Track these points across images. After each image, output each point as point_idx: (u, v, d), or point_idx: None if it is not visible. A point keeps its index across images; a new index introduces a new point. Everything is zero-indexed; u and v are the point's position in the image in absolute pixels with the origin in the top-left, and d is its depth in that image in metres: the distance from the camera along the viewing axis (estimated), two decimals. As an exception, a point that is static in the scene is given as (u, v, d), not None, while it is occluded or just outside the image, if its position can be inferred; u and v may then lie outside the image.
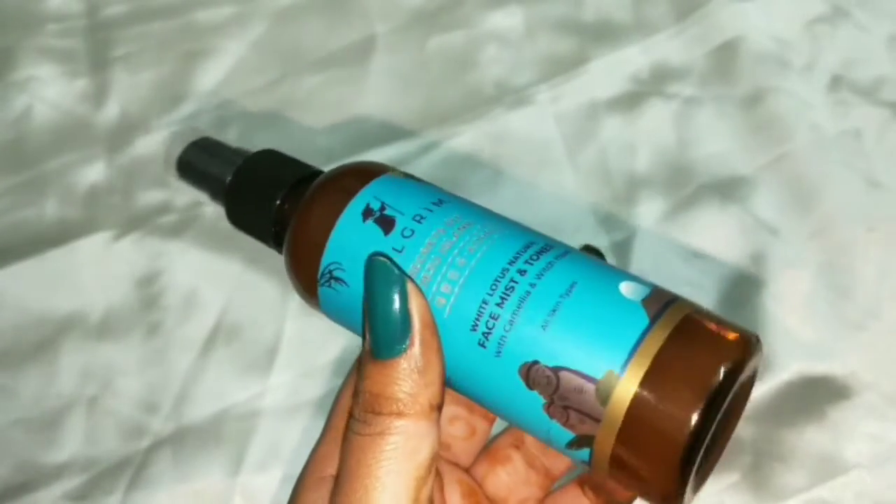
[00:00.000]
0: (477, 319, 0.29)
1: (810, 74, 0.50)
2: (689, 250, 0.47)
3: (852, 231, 0.47)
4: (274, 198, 0.34)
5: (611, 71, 0.51)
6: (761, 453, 0.43)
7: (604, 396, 0.27)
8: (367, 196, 0.31)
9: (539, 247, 0.30)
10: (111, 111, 0.51)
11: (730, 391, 0.27)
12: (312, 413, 0.45)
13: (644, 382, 0.27)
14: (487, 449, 0.37)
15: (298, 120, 0.50)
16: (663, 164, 0.49)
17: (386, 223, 0.30)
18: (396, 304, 0.28)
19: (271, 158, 0.37)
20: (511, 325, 0.28)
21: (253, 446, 0.44)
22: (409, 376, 0.28)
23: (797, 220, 0.47)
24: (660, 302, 0.28)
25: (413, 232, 0.30)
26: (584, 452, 0.28)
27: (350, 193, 0.31)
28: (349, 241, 0.31)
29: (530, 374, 0.28)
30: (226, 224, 0.49)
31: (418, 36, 0.52)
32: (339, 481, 0.28)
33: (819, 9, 0.51)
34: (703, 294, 0.46)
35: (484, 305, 0.29)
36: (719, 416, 0.27)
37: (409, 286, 0.28)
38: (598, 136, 0.49)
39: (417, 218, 0.30)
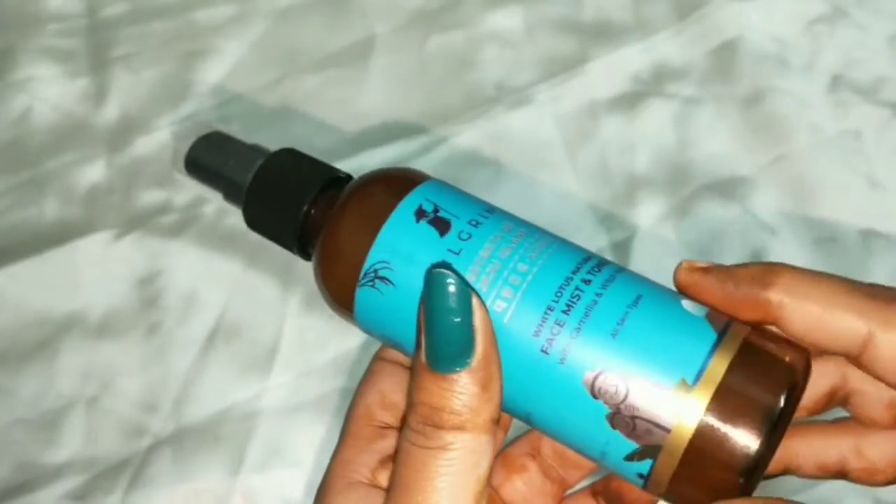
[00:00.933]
0: (540, 326, 0.28)
1: (810, 74, 0.50)
2: (689, 250, 0.47)
3: (852, 231, 0.47)
4: (302, 203, 0.33)
5: (611, 71, 0.51)
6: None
7: (676, 406, 0.27)
8: (418, 198, 0.30)
9: (598, 260, 0.30)
10: (111, 111, 0.51)
11: (792, 407, 0.27)
12: (312, 413, 0.45)
13: (715, 397, 0.27)
14: (502, 456, 0.37)
15: (298, 120, 0.50)
16: (663, 164, 0.49)
17: (441, 225, 0.30)
18: (460, 318, 0.28)
19: (294, 159, 0.35)
20: (578, 332, 0.28)
21: (253, 446, 0.44)
22: (470, 391, 0.27)
23: (797, 220, 0.47)
24: (721, 319, 0.29)
25: (470, 236, 0.29)
26: (645, 465, 0.28)
27: (397, 196, 0.30)
28: (401, 240, 0.30)
29: (596, 382, 0.28)
30: (226, 224, 0.49)
31: (418, 36, 0.52)
32: (394, 492, 0.28)
33: (819, 9, 0.51)
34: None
35: (549, 312, 0.28)
36: (779, 431, 0.27)
37: (475, 299, 0.28)
38: (598, 136, 0.49)
39: (473, 223, 0.30)
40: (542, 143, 0.49)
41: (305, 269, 0.48)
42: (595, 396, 0.28)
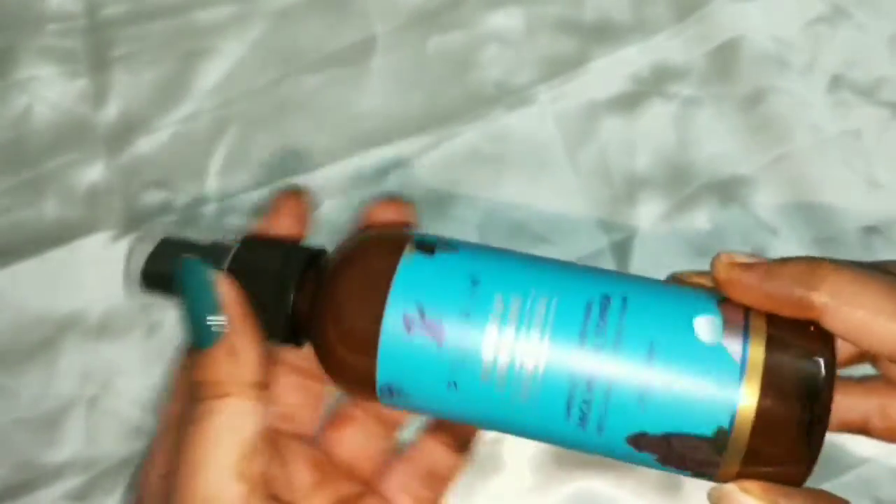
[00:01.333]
0: (569, 407, 0.28)
1: (810, 74, 0.50)
2: (689, 250, 0.47)
3: (852, 231, 0.47)
4: (286, 303, 0.31)
5: (611, 71, 0.51)
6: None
7: (719, 447, 0.27)
8: (397, 302, 0.28)
9: (599, 306, 0.29)
10: (111, 111, 0.51)
11: (831, 378, 0.27)
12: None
13: (756, 423, 0.27)
14: (330, 414, 0.38)
15: (298, 120, 0.50)
16: (663, 164, 0.49)
17: (434, 331, 0.28)
18: (208, 298, 0.30)
19: (256, 250, 0.32)
20: (606, 406, 0.28)
21: (253, 446, 0.44)
22: (225, 361, 0.30)
23: (797, 220, 0.47)
24: (737, 330, 0.28)
25: (467, 331, 0.28)
26: (707, 477, 0.29)
27: (378, 288, 0.29)
28: (401, 359, 0.29)
29: (639, 442, 0.28)
30: (226, 224, 0.49)
31: (418, 36, 0.52)
32: (175, 472, 0.30)
33: (819, 9, 0.51)
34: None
35: (573, 392, 0.28)
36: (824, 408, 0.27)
37: (218, 279, 0.31)
38: (598, 136, 0.49)
39: (464, 315, 0.28)
40: (542, 143, 0.49)
41: (305, 269, 0.48)
42: (640, 450, 0.28)
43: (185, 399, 0.31)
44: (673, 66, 0.51)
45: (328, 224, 0.48)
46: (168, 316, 0.47)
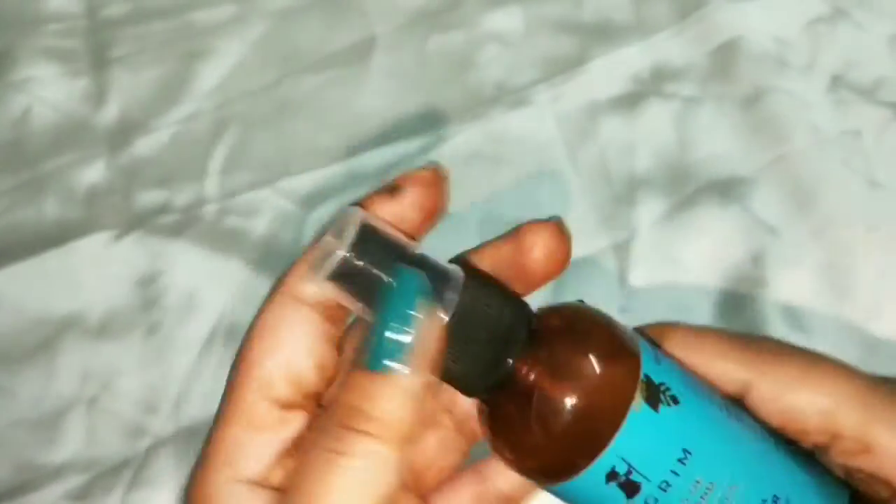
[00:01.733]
0: None
1: (810, 74, 0.50)
2: (689, 250, 0.47)
3: (852, 231, 0.47)
4: (502, 362, 0.28)
5: (611, 71, 0.51)
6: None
7: None
8: (613, 455, 0.27)
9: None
10: (111, 111, 0.51)
11: None
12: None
13: None
14: None
15: (298, 120, 0.50)
16: (663, 164, 0.49)
17: (630, 488, 0.27)
18: (412, 321, 0.25)
19: (479, 290, 0.28)
20: None
21: (253, 446, 0.44)
22: (397, 396, 0.25)
23: (797, 220, 0.47)
24: None
25: (657, 500, 0.28)
26: None
27: (601, 435, 0.27)
28: (586, 495, 0.28)
29: None
30: (226, 224, 0.49)
31: (418, 36, 0.52)
32: (293, 492, 0.25)
33: (819, 9, 0.51)
34: (703, 295, 0.46)
35: None
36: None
37: (432, 309, 0.26)
38: (598, 136, 0.49)
39: (663, 485, 0.28)
40: (542, 143, 0.49)
41: (305, 269, 0.48)
42: None
43: (331, 418, 0.25)
44: (673, 66, 0.51)
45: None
46: (168, 316, 0.47)
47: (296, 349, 0.27)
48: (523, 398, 0.27)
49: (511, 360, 0.27)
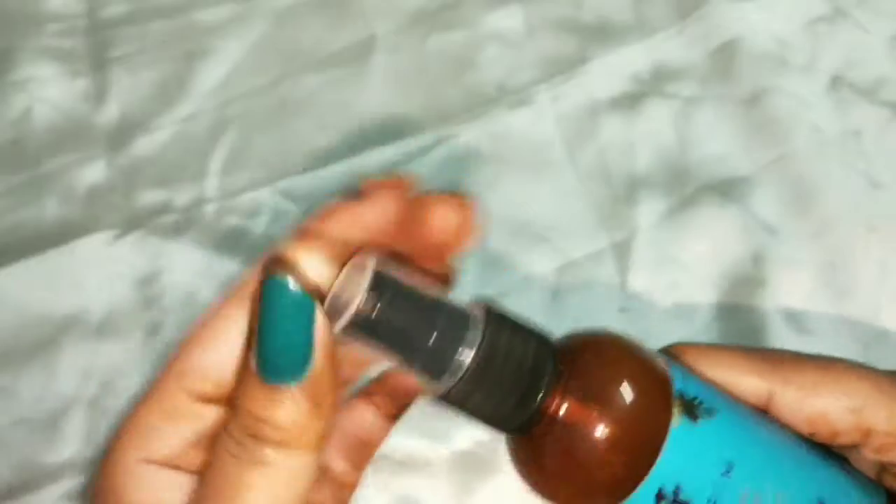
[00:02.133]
0: None
1: (810, 74, 0.50)
2: (689, 250, 0.47)
3: (852, 231, 0.47)
4: (532, 397, 0.27)
5: (611, 71, 0.51)
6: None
7: None
8: (659, 476, 0.27)
9: None
10: (111, 111, 0.51)
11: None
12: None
13: None
14: None
15: (298, 120, 0.50)
16: (663, 164, 0.49)
17: None
18: (301, 329, 0.25)
19: (502, 329, 0.28)
20: None
21: (253, 446, 0.44)
22: (300, 407, 0.25)
23: (797, 220, 0.47)
24: None
25: None
26: None
27: (644, 456, 0.27)
28: None
29: None
30: (226, 224, 0.49)
31: (418, 36, 0.52)
32: (202, 493, 0.26)
33: (819, 9, 0.51)
34: (703, 295, 0.46)
35: None
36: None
37: (318, 313, 0.25)
38: (598, 136, 0.49)
39: (711, 500, 0.27)
40: (542, 143, 0.49)
41: (305, 269, 0.48)
42: None
43: (236, 425, 0.25)
44: (673, 66, 0.51)
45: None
46: (168, 316, 0.47)
47: (224, 348, 0.27)
48: (560, 432, 0.27)
49: (541, 395, 0.27)
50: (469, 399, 0.27)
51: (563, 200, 0.48)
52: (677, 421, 0.27)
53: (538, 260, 0.48)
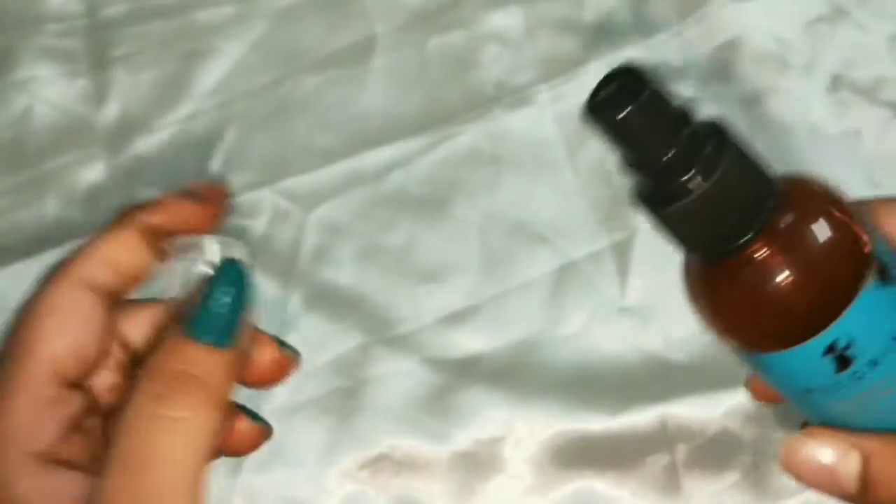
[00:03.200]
0: None
1: (810, 74, 0.50)
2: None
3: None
4: (746, 229, 0.28)
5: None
6: (761, 453, 0.43)
7: None
8: (840, 328, 0.28)
9: None
10: (111, 111, 0.51)
11: None
12: (312, 413, 0.45)
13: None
14: None
15: (298, 120, 0.50)
16: (663, 164, 0.49)
17: (843, 363, 0.28)
18: (239, 304, 0.28)
19: (744, 164, 0.30)
20: None
21: (253, 446, 0.44)
22: (221, 365, 0.27)
23: (797, 220, 0.47)
24: None
25: (863, 376, 0.28)
26: None
27: (832, 305, 0.27)
28: (793, 365, 0.28)
29: None
30: (225, 224, 0.49)
31: (418, 36, 0.52)
32: (117, 467, 0.26)
33: (819, 9, 0.51)
34: (703, 294, 0.46)
35: None
36: None
37: (251, 297, 0.29)
38: (598, 136, 0.49)
39: (873, 362, 0.28)
40: (542, 143, 0.49)
41: (305, 268, 0.49)
42: None
43: (155, 384, 0.27)
44: (673, 66, 0.51)
45: (328, 224, 0.49)
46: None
47: (83, 331, 0.29)
48: (757, 268, 0.28)
49: (754, 231, 0.28)
50: (684, 220, 0.29)
51: (563, 200, 0.48)
52: (870, 281, 0.28)
53: (538, 260, 0.48)
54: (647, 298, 0.47)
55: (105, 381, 0.31)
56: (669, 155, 0.28)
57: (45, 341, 0.29)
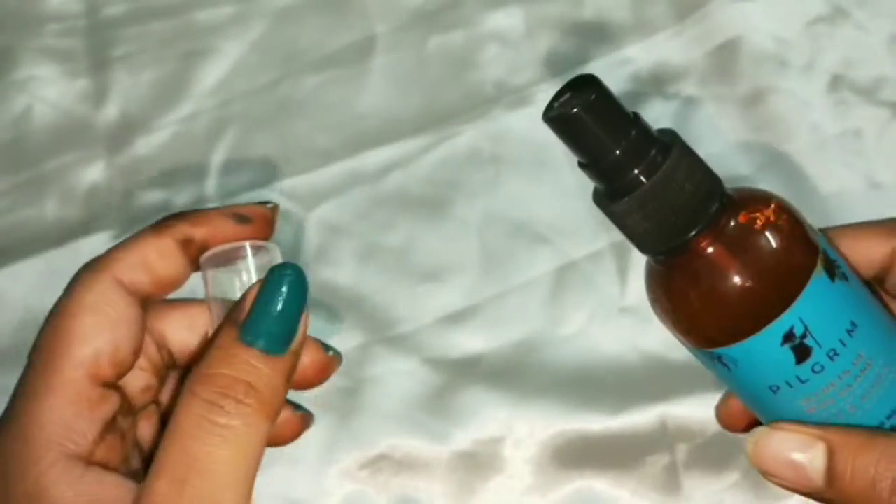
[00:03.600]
0: None
1: (810, 74, 0.50)
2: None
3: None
4: (691, 226, 0.29)
5: (611, 71, 0.51)
6: (761, 453, 0.43)
7: None
8: (793, 315, 0.28)
9: None
10: (111, 111, 0.51)
11: None
12: (312, 412, 0.45)
13: None
14: None
15: (298, 120, 0.50)
16: (663, 164, 0.49)
17: (802, 352, 0.29)
18: (297, 307, 0.28)
19: (691, 165, 0.30)
20: None
21: (253, 446, 0.44)
22: (280, 376, 0.27)
23: (797, 220, 0.47)
24: None
25: (823, 368, 0.29)
26: None
27: (785, 294, 0.28)
28: (754, 354, 0.29)
29: None
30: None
31: (418, 36, 0.52)
32: (166, 472, 0.26)
33: (819, 9, 0.51)
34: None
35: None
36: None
37: (307, 302, 0.29)
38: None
39: (831, 354, 0.29)
40: (542, 143, 0.49)
41: (305, 268, 0.48)
42: None
43: (211, 390, 0.26)
44: (673, 66, 0.51)
45: (328, 224, 0.49)
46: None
47: (119, 331, 0.28)
48: (706, 261, 0.29)
49: (702, 225, 0.29)
50: (632, 214, 0.30)
51: (563, 200, 0.48)
52: (819, 272, 0.29)
53: (538, 260, 0.48)
54: (647, 298, 0.47)
55: (139, 381, 0.30)
56: (617, 152, 0.29)
57: (81, 341, 0.28)
